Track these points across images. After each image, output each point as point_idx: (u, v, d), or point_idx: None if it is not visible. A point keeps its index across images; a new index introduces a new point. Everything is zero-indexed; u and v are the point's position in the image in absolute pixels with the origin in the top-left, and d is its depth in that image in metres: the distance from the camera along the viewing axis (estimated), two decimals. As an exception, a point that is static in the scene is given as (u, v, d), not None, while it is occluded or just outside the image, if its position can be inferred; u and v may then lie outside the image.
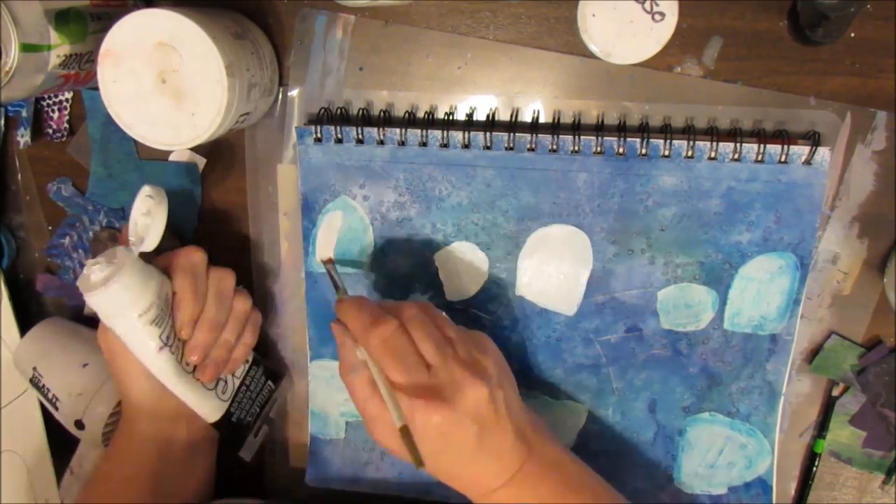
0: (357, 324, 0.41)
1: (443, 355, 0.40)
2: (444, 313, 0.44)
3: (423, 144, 0.48)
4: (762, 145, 0.45)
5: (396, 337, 0.40)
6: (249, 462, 0.53)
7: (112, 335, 0.45)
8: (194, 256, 0.47)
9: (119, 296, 0.42)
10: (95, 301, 0.42)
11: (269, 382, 0.53)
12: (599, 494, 0.43)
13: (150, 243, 0.45)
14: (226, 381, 0.49)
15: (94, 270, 0.43)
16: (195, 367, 0.47)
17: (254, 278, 0.54)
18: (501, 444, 0.40)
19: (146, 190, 0.46)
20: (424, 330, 0.41)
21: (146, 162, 0.54)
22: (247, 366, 0.52)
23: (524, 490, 0.41)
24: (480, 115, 0.49)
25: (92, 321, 0.57)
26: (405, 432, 0.37)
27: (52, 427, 0.56)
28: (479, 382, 0.39)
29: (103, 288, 0.42)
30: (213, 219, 0.54)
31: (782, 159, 0.45)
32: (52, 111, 0.54)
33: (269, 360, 0.55)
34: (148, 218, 0.46)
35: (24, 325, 0.57)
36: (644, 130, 0.46)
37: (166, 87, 0.43)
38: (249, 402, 0.51)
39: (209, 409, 0.48)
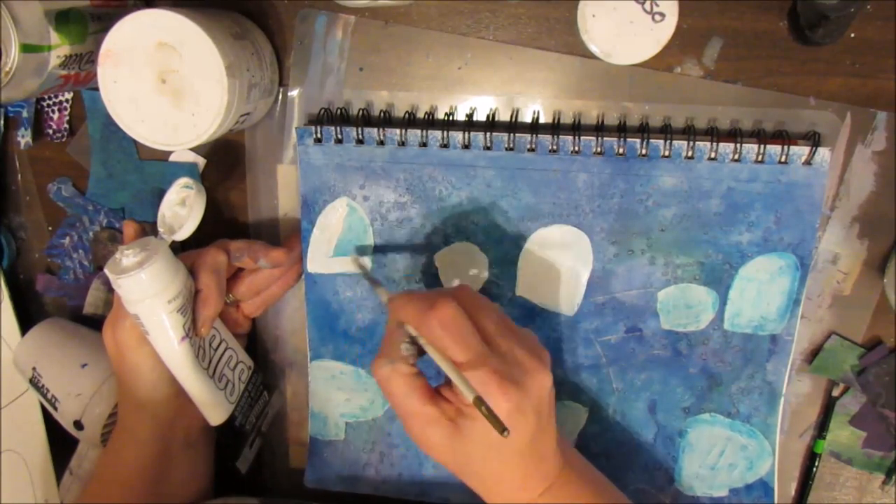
0: (412, 311, 0.39)
1: (508, 339, 0.38)
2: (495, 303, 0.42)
3: (424, 145, 0.48)
4: (762, 146, 0.45)
5: (457, 317, 0.37)
6: (244, 473, 0.54)
7: (121, 329, 0.45)
8: (219, 257, 0.47)
9: (151, 281, 0.42)
10: (126, 284, 0.42)
11: (265, 392, 0.53)
12: None
13: (185, 232, 0.46)
14: (233, 384, 0.49)
15: (127, 255, 0.43)
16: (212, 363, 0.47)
17: (254, 279, 0.54)
18: (547, 447, 0.39)
19: (183, 181, 0.47)
20: (487, 311, 0.39)
21: (146, 162, 0.54)
22: (249, 371, 0.52)
23: (560, 501, 0.40)
24: (480, 116, 0.49)
25: (92, 322, 0.57)
26: (480, 402, 0.35)
27: (52, 427, 0.56)
28: (544, 369, 0.38)
29: (136, 272, 0.42)
30: (213, 219, 0.54)
31: (782, 160, 0.45)
32: (53, 111, 0.54)
33: (263, 372, 0.55)
34: (181, 208, 0.46)
35: (25, 325, 0.57)
36: (644, 131, 0.46)
37: (166, 87, 0.43)
38: (249, 409, 0.51)
39: (217, 409, 0.48)
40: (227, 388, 0.49)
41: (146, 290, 0.42)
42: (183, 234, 0.46)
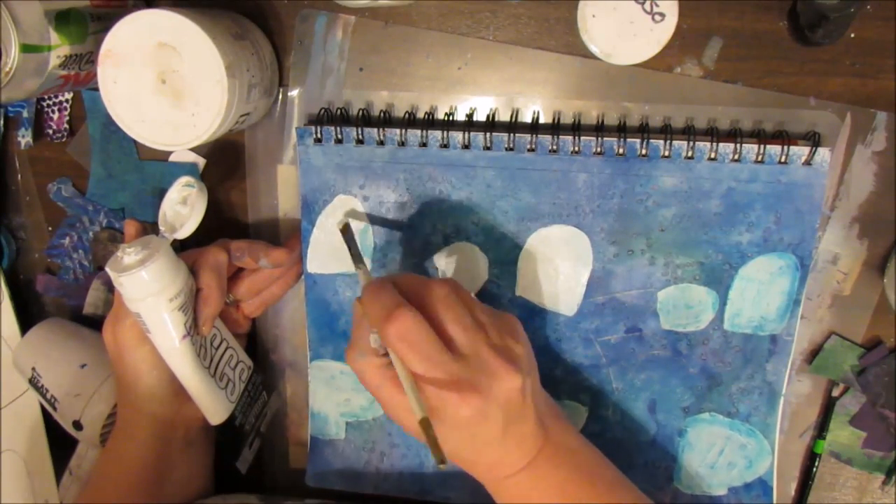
0: (373, 315, 0.39)
1: (474, 340, 0.38)
2: (472, 294, 0.41)
3: (424, 145, 0.48)
4: (762, 146, 0.45)
5: (415, 329, 0.37)
6: (244, 474, 0.54)
7: (121, 328, 0.45)
8: (220, 256, 0.47)
9: (152, 279, 0.42)
10: (128, 282, 0.42)
11: (264, 393, 0.53)
12: (614, 483, 0.42)
13: (187, 231, 0.46)
14: (233, 383, 0.49)
15: (129, 253, 0.43)
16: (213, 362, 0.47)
17: (254, 279, 0.54)
18: (524, 431, 0.39)
19: (185, 180, 0.47)
20: (454, 311, 0.39)
21: (146, 162, 0.54)
22: (249, 371, 0.52)
23: (541, 475, 0.40)
24: (480, 116, 0.49)
25: (91, 322, 0.57)
26: (426, 426, 0.35)
27: (52, 427, 0.56)
28: (512, 371, 0.37)
29: (137, 270, 0.42)
30: (214, 219, 0.54)
31: (782, 160, 0.45)
32: (53, 111, 0.54)
33: (263, 372, 0.55)
34: (183, 207, 0.46)
35: (25, 325, 0.57)
36: (644, 131, 0.46)
37: (166, 87, 0.43)
38: (248, 409, 0.51)
39: (217, 408, 0.48)
40: (228, 388, 0.49)
41: (148, 288, 0.42)
42: (184, 232, 0.46)
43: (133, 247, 0.43)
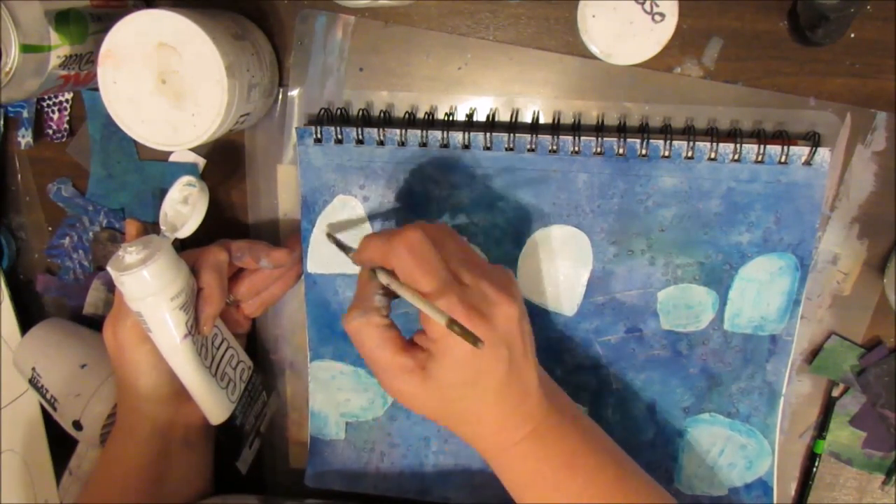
0: (378, 243, 0.38)
1: (472, 269, 0.38)
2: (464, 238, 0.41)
3: (423, 145, 0.48)
4: (762, 146, 0.45)
5: (423, 244, 0.36)
6: (244, 474, 0.54)
7: (122, 327, 0.45)
8: (221, 255, 0.47)
9: (153, 278, 0.42)
10: (129, 281, 0.42)
11: (264, 393, 0.53)
12: (619, 457, 0.42)
13: (188, 230, 0.46)
14: (234, 383, 0.49)
15: (130, 252, 0.43)
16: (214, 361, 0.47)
17: (254, 279, 0.54)
18: (527, 382, 0.38)
19: (186, 179, 0.47)
20: (453, 242, 0.39)
21: (146, 162, 0.54)
22: (250, 371, 0.52)
23: (546, 443, 0.39)
24: (480, 116, 0.49)
25: (91, 322, 0.57)
26: (452, 322, 0.34)
27: (52, 427, 0.56)
28: (510, 300, 0.37)
29: (138, 269, 0.42)
30: (214, 219, 0.54)
31: (782, 160, 0.45)
32: (53, 112, 0.54)
33: (263, 372, 0.55)
34: (184, 206, 0.46)
35: (25, 325, 0.57)
36: (644, 131, 0.46)
37: (166, 87, 0.43)
38: (249, 409, 0.51)
39: (218, 407, 0.48)
40: (229, 388, 0.49)
41: (149, 288, 0.42)
42: (185, 231, 0.46)
43: (134, 246, 0.43)
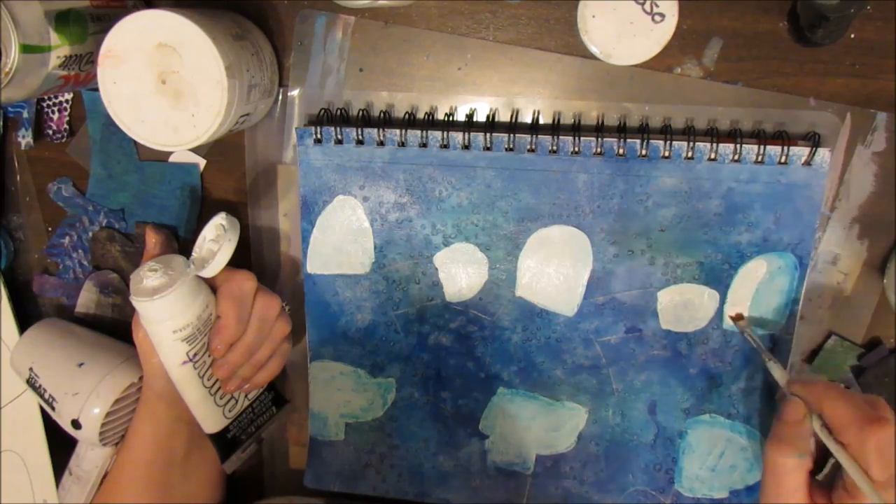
0: (846, 415, 0.38)
1: None
2: None
3: (423, 145, 0.48)
4: (762, 146, 0.45)
5: (891, 441, 0.37)
6: (233, 473, 0.53)
7: (139, 332, 0.46)
8: (245, 285, 0.46)
9: (161, 310, 0.43)
10: (139, 306, 0.43)
11: (273, 408, 0.53)
12: None
13: (211, 271, 0.45)
14: (236, 400, 0.49)
15: (150, 277, 0.43)
16: (217, 380, 0.47)
17: (254, 279, 0.54)
18: None
19: (220, 217, 0.46)
20: None
21: (146, 163, 0.54)
22: (260, 389, 0.52)
23: None
24: (480, 116, 0.49)
25: (89, 322, 0.57)
26: None
27: (51, 427, 0.56)
28: None
29: (146, 300, 0.42)
30: (213, 219, 0.54)
31: (782, 160, 0.45)
32: (53, 112, 0.54)
33: (278, 386, 0.55)
34: (215, 244, 0.46)
35: (24, 325, 0.57)
36: (644, 131, 0.46)
37: (166, 87, 0.43)
38: (249, 423, 0.51)
39: (210, 420, 0.48)
40: (227, 405, 0.49)
41: (153, 317, 0.43)
42: (209, 272, 0.45)
43: (156, 269, 0.43)
